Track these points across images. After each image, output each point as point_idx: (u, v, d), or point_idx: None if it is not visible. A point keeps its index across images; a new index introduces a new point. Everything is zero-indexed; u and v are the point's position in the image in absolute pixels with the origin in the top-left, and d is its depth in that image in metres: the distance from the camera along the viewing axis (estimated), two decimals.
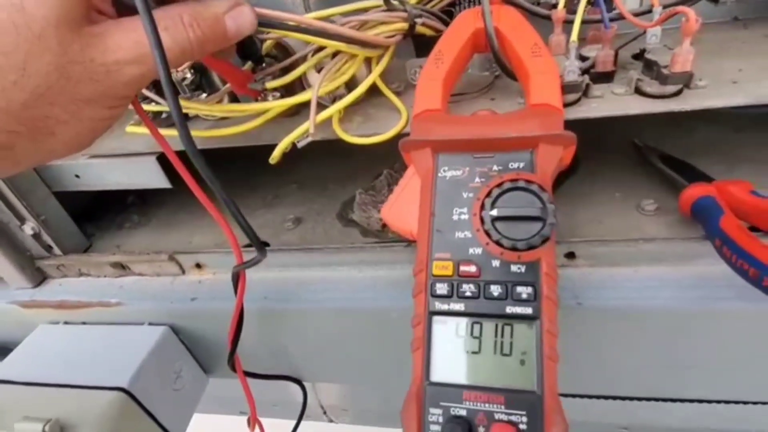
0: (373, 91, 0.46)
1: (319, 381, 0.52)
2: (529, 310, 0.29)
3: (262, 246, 0.29)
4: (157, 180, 0.46)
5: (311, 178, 0.61)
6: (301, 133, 0.38)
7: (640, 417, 0.60)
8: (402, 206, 0.35)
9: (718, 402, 0.45)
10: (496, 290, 0.30)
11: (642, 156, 0.52)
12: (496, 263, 0.30)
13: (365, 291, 0.42)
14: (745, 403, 0.43)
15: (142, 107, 0.32)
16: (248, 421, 0.50)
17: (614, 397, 0.45)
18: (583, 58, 0.42)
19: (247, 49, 0.37)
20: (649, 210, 0.44)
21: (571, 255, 0.40)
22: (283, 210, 0.55)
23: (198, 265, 0.48)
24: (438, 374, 0.29)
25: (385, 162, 0.56)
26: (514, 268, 0.30)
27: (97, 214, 0.60)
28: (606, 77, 0.41)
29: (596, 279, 0.39)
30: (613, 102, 0.39)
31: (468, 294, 0.30)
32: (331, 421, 0.82)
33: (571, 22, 0.41)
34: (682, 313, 0.37)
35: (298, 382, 0.51)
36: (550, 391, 0.27)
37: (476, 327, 0.30)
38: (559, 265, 0.41)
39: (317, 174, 0.62)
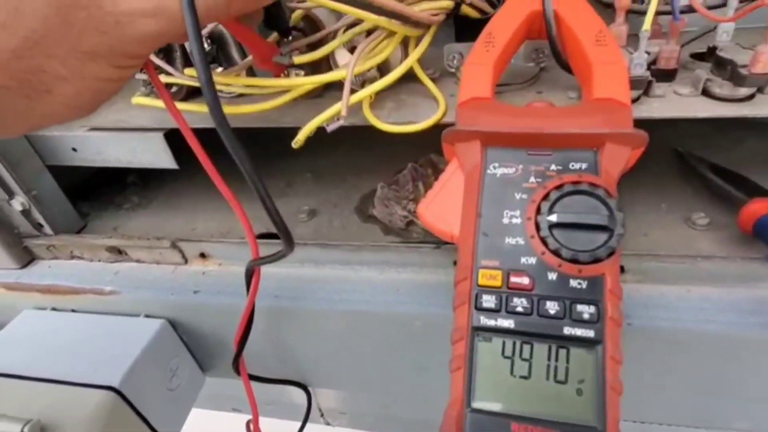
0: (406, 76, 0.41)
1: (327, 387, 0.49)
2: (590, 333, 0.25)
3: (290, 239, 0.25)
4: (164, 159, 0.42)
5: (327, 168, 0.57)
6: (332, 115, 0.34)
7: None
8: (442, 204, 0.31)
9: None
10: (552, 307, 0.26)
11: (686, 165, 0.48)
12: (552, 276, 0.26)
13: (387, 294, 0.39)
14: None
15: (157, 74, 0.28)
16: (248, 425, 0.46)
17: (653, 424, 0.42)
18: None
19: (275, 17, 0.33)
20: (700, 224, 0.41)
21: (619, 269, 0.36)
22: (297, 200, 0.51)
23: (202, 255, 0.43)
24: (481, 400, 0.26)
25: (406, 154, 0.52)
26: (573, 282, 0.26)
27: (94, 193, 0.56)
28: (667, 75, 0.37)
29: (645, 296, 0.36)
30: (676, 103, 0.35)
31: (519, 309, 0.26)
32: (327, 423, 0.79)
33: (634, 12, 0.38)
34: (740, 340, 0.34)
35: (304, 387, 0.47)
36: (613, 428, 0.24)
37: (526, 348, 0.26)
38: None
39: (333, 163, 0.58)
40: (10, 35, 0.18)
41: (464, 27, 0.42)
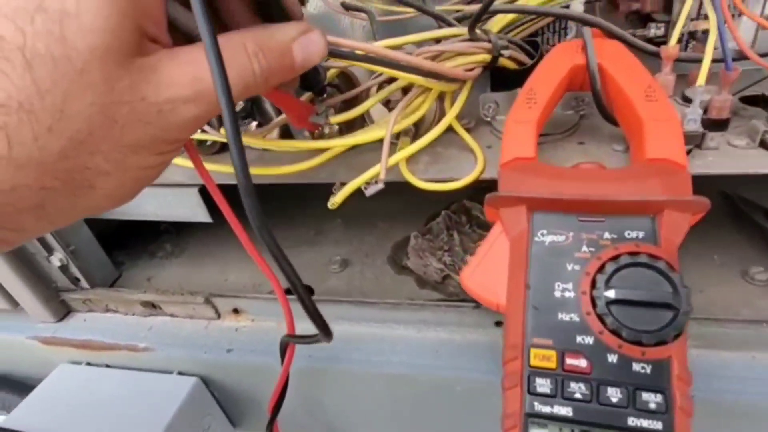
0: None
1: None
2: (658, 426, 0.23)
3: (328, 330, 0.24)
4: (198, 213, 0.42)
5: (357, 213, 0.56)
6: (370, 177, 0.33)
7: None
8: (487, 271, 0.29)
9: None
10: (614, 395, 0.24)
11: (737, 210, 0.46)
12: (612, 358, 0.24)
13: (426, 357, 0.37)
14: None
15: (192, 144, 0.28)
16: None
17: None
18: (687, 100, 0.37)
19: (311, 78, 0.32)
20: (759, 279, 0.38)
21: None
22: (327, 249, 0.50)
23: (236, 311, 0.43)
24: None
25: (437, 198, 0.51)
26: (636, 366, 0.24)
27: (128, 241, 0.57)
28: (719, 125, 0.35)
29: (707, 364, 0.33)
30: (733, 156, 0.33)
31: (577, 396, 0.24)
32: None
33: (681, 60, 0.36)
34: None
35: None
36: None
37: None
38: None
39: (362, 208, 0.56)
40: (56, 138, 0.18)
41: (500, 76, 0.41)
